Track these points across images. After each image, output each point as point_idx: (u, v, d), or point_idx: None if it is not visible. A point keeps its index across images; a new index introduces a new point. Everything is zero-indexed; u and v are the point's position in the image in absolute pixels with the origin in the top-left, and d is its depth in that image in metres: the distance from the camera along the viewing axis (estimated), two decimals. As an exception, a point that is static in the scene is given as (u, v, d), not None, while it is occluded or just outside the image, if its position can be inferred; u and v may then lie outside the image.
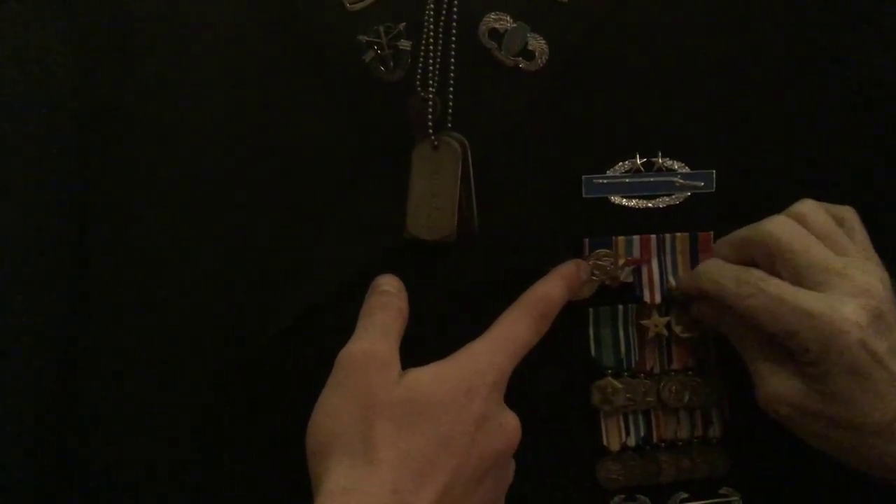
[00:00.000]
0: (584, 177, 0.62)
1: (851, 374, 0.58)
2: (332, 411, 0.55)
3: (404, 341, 0.59)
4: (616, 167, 0.62)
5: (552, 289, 0.61)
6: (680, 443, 0.65)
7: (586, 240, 0.62)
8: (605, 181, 0.62)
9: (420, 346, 0.59)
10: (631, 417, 0.65)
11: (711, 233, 0.64)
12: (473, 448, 0.55)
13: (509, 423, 0.57)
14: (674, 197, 0.63)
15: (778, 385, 0.60)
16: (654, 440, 0.65)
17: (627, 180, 0.62)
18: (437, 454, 0.54)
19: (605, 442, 0.64)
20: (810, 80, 0.63)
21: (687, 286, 0.64)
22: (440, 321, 0.62)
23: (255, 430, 0.64)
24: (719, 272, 0.62)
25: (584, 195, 0.62)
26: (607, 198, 0.62)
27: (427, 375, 0.56)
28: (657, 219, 0.63)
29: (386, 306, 0.59)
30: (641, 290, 0.64)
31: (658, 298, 0.64)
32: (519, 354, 0.59)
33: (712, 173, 0.63)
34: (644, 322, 0.64)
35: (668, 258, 0.64)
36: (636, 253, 0.63)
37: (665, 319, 0.64)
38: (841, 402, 0.58)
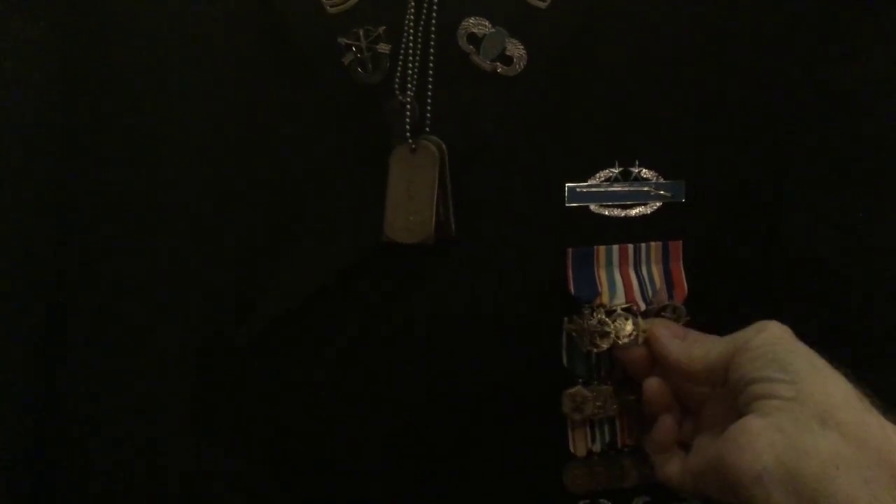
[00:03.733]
0: (567, 185, 0.62)
1: None
2: None
3: (380, 346, 0.58)
4: (596, 176, 0.62)
5: None
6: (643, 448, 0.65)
7: (570, 250, 0.62)
8: (585, 190, 0.62)
9: (398, 352, 0.59)
10: (597, 424, 0.65)
11: (680, 242, 0.64)
12: None
13: None
14: (647, 206, 0.63)
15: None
16: (619, 445, 0.65)
17: (605, 189, 0.62)
18: None
19: (571, 448, 0.64)
20: (782, 91, 0.63)
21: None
22: (418, 325, 0.61)
23: (232, 432, 0.64)
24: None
25: (566, 204, 0.62)
26: (587, 206, 0.62)
27: None
28: (631, 228, 0.63)
29: None
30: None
31: (643, 306, 0.63)
32: None
33: (682, 183, 0.63)
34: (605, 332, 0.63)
35: (644, 267, 0.64)
36: (615, 261, 0.63)
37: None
38: None
